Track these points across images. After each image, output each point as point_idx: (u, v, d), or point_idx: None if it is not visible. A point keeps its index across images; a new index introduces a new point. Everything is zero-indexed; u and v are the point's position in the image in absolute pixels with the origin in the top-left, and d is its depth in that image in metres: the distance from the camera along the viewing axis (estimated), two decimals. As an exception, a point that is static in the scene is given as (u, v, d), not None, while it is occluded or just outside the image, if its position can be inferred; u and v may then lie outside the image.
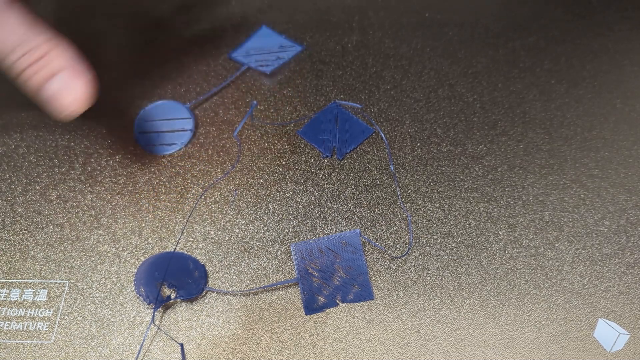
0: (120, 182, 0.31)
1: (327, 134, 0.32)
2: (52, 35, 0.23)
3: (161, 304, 0.26)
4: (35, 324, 0.26)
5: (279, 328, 0.26)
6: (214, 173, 0.31)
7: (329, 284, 0.27)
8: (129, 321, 0.26)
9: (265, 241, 0.29)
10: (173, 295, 0.26)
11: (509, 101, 0.33)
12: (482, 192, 0.30)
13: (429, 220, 0.29)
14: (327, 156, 0.31)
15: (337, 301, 0.26)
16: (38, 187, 0.30)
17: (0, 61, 0.23)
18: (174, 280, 0.27)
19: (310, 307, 0.26)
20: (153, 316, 0.26)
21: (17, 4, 0.23)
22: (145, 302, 0.26)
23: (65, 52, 0.23)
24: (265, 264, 0.28)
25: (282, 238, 0.29)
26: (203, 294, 0.27)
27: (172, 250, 0.28)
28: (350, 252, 0.27)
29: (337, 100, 0.33)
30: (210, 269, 0.28)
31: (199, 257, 0.28)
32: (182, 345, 0.25)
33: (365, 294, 0.27)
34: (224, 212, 0.30)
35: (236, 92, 0.34)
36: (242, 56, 0.36)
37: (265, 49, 0.36)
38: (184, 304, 0.27)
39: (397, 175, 0.31)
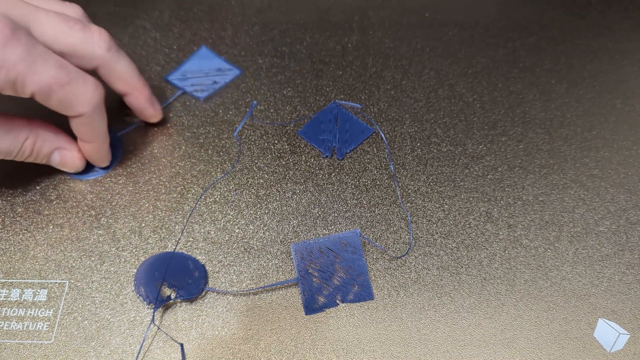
0: (120, 182, 0.31)
1: (327, 134, 0.32)
2: (29, 130, 0.27)
3: (161, 304, 0.26)
4: (35, 324, 0.26)
5: (279, 328, 0.26)
6: (214, 173, 0.31)
7: (329, 284, 0.27)
8: (129, 321, 0.26)
9: (265, 241, 0.29)
10: (173, 295, 0.26)
11: (509, 101, 0.33)
12: (482, 192, 0.30)
13: (429, 220, 0.29)
14: (327, 156, 0.31)
15: (337, 301, 0.26)
16: (38, 187, 0.30)
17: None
18: (173, 280, 0.27)
19: (310, 307, 0.26)
20: (153, 316, 0.26)
21: None
22: (145, 302, 0.26)
23: (47, 138, 0.28)
24: (265, 264, 0.28)
25: (282, 238, 0.29)
26: (203, 294, 0.27)
27: (172, 250, 0.28)
28: (350, 252, 0.27)
29: (337, 100, 0.33)
30: (210, 269, 0.28)
31: (199, 257, 0.28)
32: (182, 345, 0.25)
33: (365, 294, 0.27)
34: (224, 212, 0.30)
35: (236, 92, 0.34)
36: (178, 79, 0.34)
37: (203, 71, 0.35)
38: (184, 304, 0.27)
39: (397, 175, 0.31)
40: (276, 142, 0.32)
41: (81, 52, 0.26)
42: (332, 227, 0.29)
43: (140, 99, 0.30)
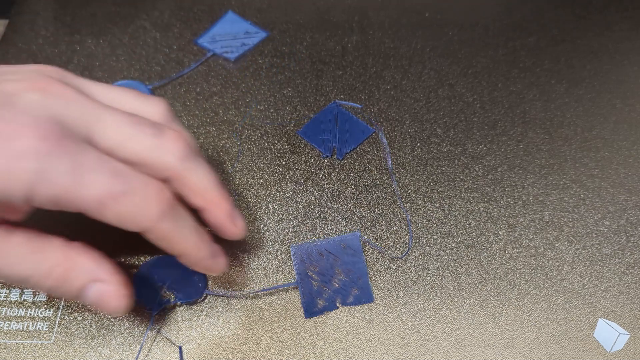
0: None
1: (327, 134, 0.32)
2: (64, 250, 0.21)
3: (160, 307, 0.26)
4: (35, 324, 0.26)
5: (279, 328, 0.26)
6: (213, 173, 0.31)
7: (328, 287, 0.27)
8: (129, 321, 0.26)
9: (265, 241, 0.29)
10: (172, 299, 0.26)
11: (509, 101, 0.33)
12: (482, 192, 0.30)
13: (429, 220, 0.29)
14: (327, 156, 0.31)
15: (337, 304, 0.26)
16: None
17: (24, 285, 0.22)
18: (173, 283, 0.27)
19: (310, 311, 0.26)
20: (151, 320, 0.26)
21: (18, 229, 0.20)
22: (144, 306, 0.26)
23: (83, 267, 0.21)
24: (265, 264, 0.28)
25: (282, 238, 0.29)
26: (203, 297, 0.27)
27: None
28: (350, 254, 0.27)
29: (337, 100, 0.33)
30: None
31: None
32: (180, 348, 0.25)
33: (365, 297, 0.27)
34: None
35: (236, 92, 0.34)
36: (207, 42, 0.36)
37: (231, 34, 0.36)
38: (183, 304, 0.27)
39: (397, 175, 0.31)
40: (276, 142, 0.32)
41: (149, 161, 0.21)
42: (332, 227, 0.29)
43: (219, 215, 0.24)
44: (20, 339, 0.26)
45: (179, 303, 0.27)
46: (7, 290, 0.27)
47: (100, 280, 0.21)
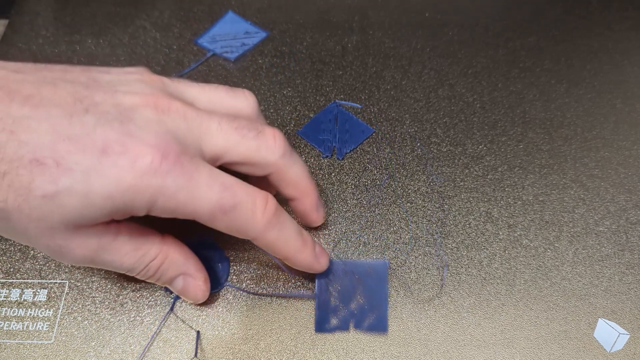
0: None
1: (327, 134, 0.32)
2: (159, 249, 0.24)
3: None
4: (35, 324, 0.26)
5: (279, 328, 0.26)
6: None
7: (345, 307, 0.26)
8: (129, 321, 0.26)
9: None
10: None
11: (509, 101, 0.33)
12: (482, 192, 0.30)
13: (429, 220, 0.29)
14: (327, 156, 0.31)
15: (350, 326, 0.26)
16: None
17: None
18: None
19: (322, 326, 0.26)
20: (172, 305, 0.26)
21: (123, 227, 0.22)
22: (165, 291, 0.27)
23: (175, 261, 0.24)
24: (265, 264, 0.28)
25: (282, 238, 0.29)
26: (222, 288, 0.27)
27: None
28: (374, 280, 0.27)
29: (337, 100, 0.33)
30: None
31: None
32: (198, 332, 0.25)
33: (380, 326, 0.26)
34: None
35: (236, 92, 0.34)
36: (207, 42, 0.36)
37: (231, 34, 0.36)
38: (183, 304, 0.27)
39: (397, 175, 0.31)
40: (276, 142, 0.32)
41: (254, 160, 0.23)
42: (332, 227, 0.29)
43: (307, 204, 0.26)
44: (20, 339, 0.26)
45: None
46: (7, 290, 0.27)
47: (188, 275, 0.25)
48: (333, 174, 0.31)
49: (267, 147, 0.24)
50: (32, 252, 0.28)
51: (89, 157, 0.19)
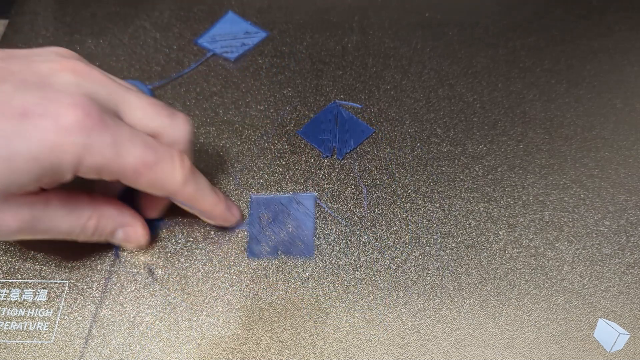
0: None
1: (327, 134, 0.32)
2: (92, 209, 0.25)
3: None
4: (35, 324, 0.26)
5: (279, 328, 0.26)
6: (214, 173, 0.31)
7: (275, 236, 0.28)
8: (129, 321, 0.26)
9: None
10: None
11: (509, 101, 0.33)
12: (482, 192, 0.30)
13: (429, 220, 0.29)
14: (327, 156, 0.31)
15: (279, 253, 0.28)
16: (38, 187, 0.30)
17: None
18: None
19: (253, 252, 0.28)
20: (117, 251, 0.28)
21: (52, 194, 0.23)
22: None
23: (110, 216, 0.26)
24: (265, 264, 0.28)
25: (282, 238, 0.29)
26: (162, 228, 0.29)
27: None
28: (302, 212, 0.29)
29: (337, 100, 0.33)
30: (210, 268, 0.28)
31: (199, 257, 0.28)
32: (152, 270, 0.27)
33: (306, 251, 0.28)
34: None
35: (236, 92, 0.34)
36: (207, 42, 0.36)
37: (231, 34, 0.36)
38: (183, 303, 0.27)
39: (397, 175, 0.31)
40: (276, 142, 0.32)
41: (166, 136, 0.25)
42: (332, 227, 0.29)
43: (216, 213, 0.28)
44: (20, 339, 0.26)
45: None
46: (7, 290, 0.27)
47: (126, 225, 0.26)
48: (333, 174, 0.31)
49: (177, 126, 0.25)
50: (32, 252, 0.28)
51: (9, 123, 0.20)
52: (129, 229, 0.27)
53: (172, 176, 0.24)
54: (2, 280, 0.28)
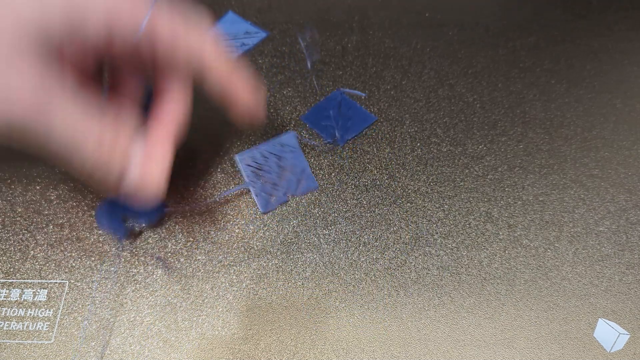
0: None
1: (330, 120, 0.32)
2: (112, 118, 0.23)
3: (127, 233, 0.28)
4: (35, 324, 0.26)
5: (279, 328, 0.26)
6: (214, 173, 0.31)
7: (277, 183, 0.29)
8: (129, 321, 0.26)
9: (265, 241, 0.29)
10: (135, 224, 0.28)
11: (509, 101, 0.33)
12: (482, 192, 0.30)
13: (429, 220, 0.29)
14: (328, 142, 0.31)
15: (288, 197, 0.29)
16: (38, 187, 0.30)
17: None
18: (133, 213, 0.28)
19: (266, 206, 0.29)
20: (120, 245, 0.28)
21: (71, 90, 0.22)
22: (114, 236, 0.28)
23: (129, 139, 0.23)
24: (265, 264, 0.28)
25: (282, 238, 0.29)
26: (164, 215, 0.29)
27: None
28: (289, 152, 0.30)
29: (341, 88, 0.34)
30: (211, 268, 0.28)
31: (199, 257, 0.28)
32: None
33: (310, 185, 0.29)
34: (224, 212, 0.30)
35: (236, 92, 0.34)
36: None
37: (231, 34, 0.36)
38: (183, 303, 0.27)
39: (397, 175, 0.31)
40: (276, 142, 0.32)
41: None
42: (332, 227, 0.29)
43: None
44: (20, 339, 0.26)
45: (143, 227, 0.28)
46: (7, 290, 0.27)
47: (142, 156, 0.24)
48: (333, 174, 0.31)
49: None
50: (32, 252, 0.28)
51: None
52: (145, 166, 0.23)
53: (207, 46, 0.24)
54: (2, 280, 0.28)
